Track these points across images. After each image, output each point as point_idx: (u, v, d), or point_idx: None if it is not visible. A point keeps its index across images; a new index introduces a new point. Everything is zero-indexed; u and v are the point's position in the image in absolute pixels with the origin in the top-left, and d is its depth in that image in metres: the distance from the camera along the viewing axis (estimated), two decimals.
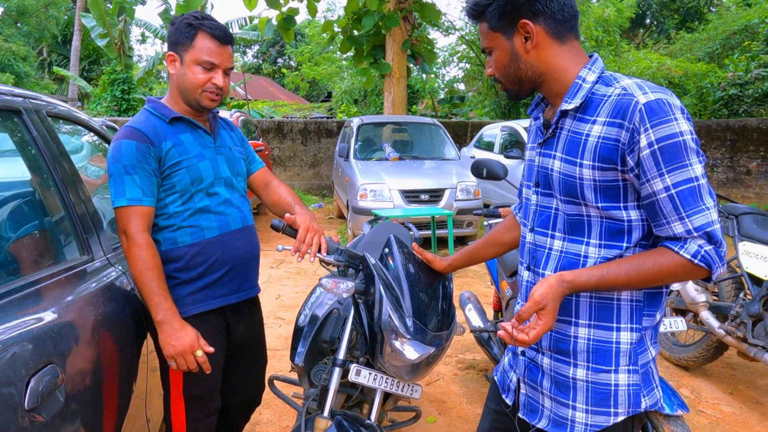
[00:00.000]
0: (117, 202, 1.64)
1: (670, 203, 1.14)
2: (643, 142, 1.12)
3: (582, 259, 1.26)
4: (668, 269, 1.16)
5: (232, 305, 1.86)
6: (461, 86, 21.90)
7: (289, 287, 5.55)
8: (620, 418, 1.28)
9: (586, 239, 1.26)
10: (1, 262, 1.41)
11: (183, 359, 1.63)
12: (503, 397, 1.49)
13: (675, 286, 2.19)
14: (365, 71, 10.76)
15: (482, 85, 18.16)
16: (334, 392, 1.81)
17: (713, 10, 20.64)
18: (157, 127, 1.73)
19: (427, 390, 3.35)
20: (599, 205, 1.22)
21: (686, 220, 1.14)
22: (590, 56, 1.27)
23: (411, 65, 11.10)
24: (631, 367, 1.27)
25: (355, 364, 1.77)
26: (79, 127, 2.14)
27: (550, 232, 1.33)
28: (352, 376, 1.75)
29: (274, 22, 10.14)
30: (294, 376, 2.65)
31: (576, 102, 1.22)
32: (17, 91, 1.62)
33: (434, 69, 18.42)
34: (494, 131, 9.73)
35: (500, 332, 1.25)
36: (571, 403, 1.30)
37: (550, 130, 1.30)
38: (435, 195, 6.83)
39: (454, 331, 1.86)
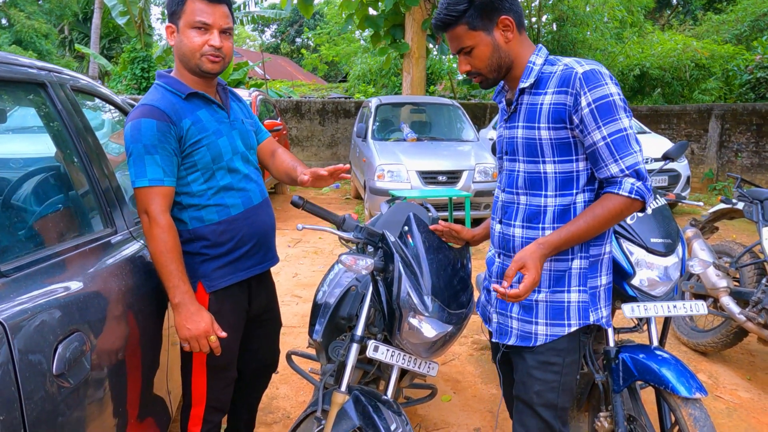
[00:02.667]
0: (138, 182, 1.62)
1: (607, 149, 1.45)
2: (583, 103, 1.43)
3: (542, 208, 1.57)
4: (615, 208, 1.45)
5: (256, 275, 1.91)
6: None
7: (306, 266, 5.59)
8: (573, 329, 1.62)
9: (544, 192, 1.56)
10: (28, 234, 1.44)
11: (197, 342, 1.66)
12: (486, 326, 1.81)
13: (696, 269, 2.17)
14: (384, 51, 10.66)
15: None
16: (352, 368, 1.82)
17: None
18: (175, 104, 1.69)
19: (442, 369, 3.37)
20: (555, 159, 1.52)
21: (620, 161, 1.45)
22: (536, 46, 1.57)
23: (430, 45, 10.97)
24: (580, 288, 1.60)
25: (372, 341, 1.79)
26: (102, 103, 2.16)
27: (515, 190, 1.63)
28: (370, 352, 1.77)
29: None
30: (311, 351, 2.69)
31: (530, 80, 1.53)
32: (41, 64, 1.64)
33: None
34: None
35: (494, 287, 1.47)
36: (534, 320, 1.62)
37: (513, 107, 1.59)
38: (453, 176, 6.80)
39: (471, 310, 1.86)
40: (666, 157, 2.55)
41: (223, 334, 1.71)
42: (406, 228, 1.84)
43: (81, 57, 24.11)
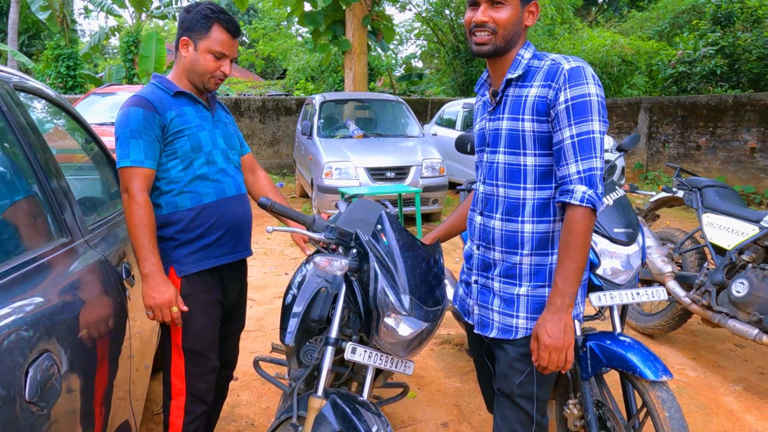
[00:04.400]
0: (121, 162, 1.79)
1: (572, 148, 1.44)
2: (561, 98, 1.44)
3: (521, 201, 1.57)
4: (576, 225, 1.45)
5: (228, 265, 2.01)
6: (419, 63, 21.84)
7: (257, 268, 5.46)
8: None
9: (522, 185, 1.57)
10: None
11: (159, 311, 1.79)
12: (465, 319, 1.82)
13: (654, 257, 2.25)
14: (324, 47, 10.56)
15: (440, 62, 18.16)
16: (328, 371, 1.78)
17: None
18: (162, 98, 1.87)
19: None
20: (536, 152, 1.52)
21: (579, 162, 1.44)
22: (525, 41, 1.58)
23: (370, 42, 10.97)
24: None
25: (350, 343, 1.75)
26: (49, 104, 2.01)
27: (495, 182, 1.63)
28: (348, 355, 1.73)
29: None
30: (277, 356, 2.62)
31: (518, 72, 1.54)
32: None
33: (390, 46, 18.27)
34: (456, 108, 9.75)
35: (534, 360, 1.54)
36: (515, 313, 1.63)
37: (498, 98, 1.59)
38: (401, 172, 6.82)
39: (446, 306, 1.86)
40: (620, 149, 2.65)
41: (185, 308, 1.85)
42: (379, 226, 1.81)
43: None
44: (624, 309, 2.36)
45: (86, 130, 2.34)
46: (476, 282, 1.74)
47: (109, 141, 2.05)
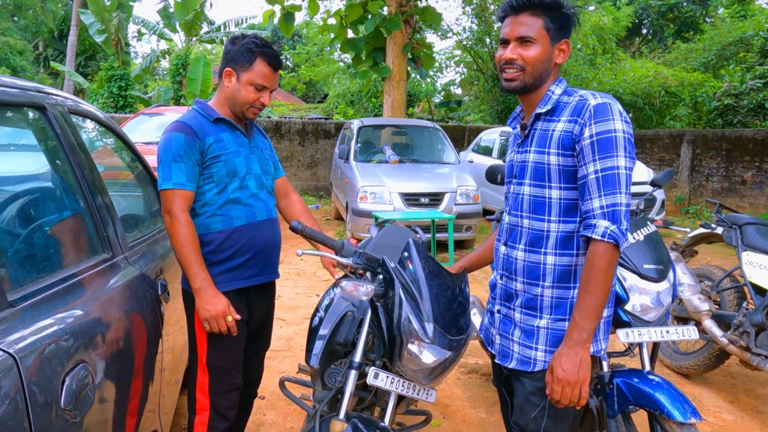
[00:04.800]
0: (164, 185, 1.87)
1: (596, 183, 1.46)
2: (586, 134, 1.47)
3: (545, 233, 1.59)
4: (597, 260, 1.44)
5: (255, 287, 2.06)
6: (458, 90, 21.96)
7: (289, 288, 5.54)
8: None
9: (547, 217, 1.58)
10: (31, 261, 1.40)
11: (215, 322, 1.86)
12: (488, 349, 1.83)
13: (686, 294, 2.21)
14: (365, 74, 10.76)
15: (479, 90, 18.22)
16: (350, 395, 1.80)
17: (709, 20, 20.82)
18: (202, 124, 1.96)
19: None
20: (561, 185, 1.55)
21: (603, 198, 1.45)
22: (558, 77, 1.62)
23: (409, 69, 11.13)
24: None
25: (373, 368, 1.77)
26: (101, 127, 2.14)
27: (519, 213, 1.65)
28: (370, 379, 1.75)
29: (278, 14, 10.10)
30: (303, 377, 2.65)
31: (547, 107, 1.58)
32: (40, 86, 1.62)
33: (430, 73, 18.46)
34: (493, 136, 9.76)
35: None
36: (534, 345, 1.63)
37: (527, 131, 1.63)
38: (435, 198, 6.85)
39: (470, 335, 1.86)
40: (654, 183, 2.62)
41: (238, 317, 1.93)
42: (406, 254, 1.84)
43: (56, 74, 23.77)
44: (655, 347, 2.31)
45: (132, 151, 2.46)
46: (499, 312, 1.75)
47: (153, 160, 2.14)
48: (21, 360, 0.94)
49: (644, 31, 23.88)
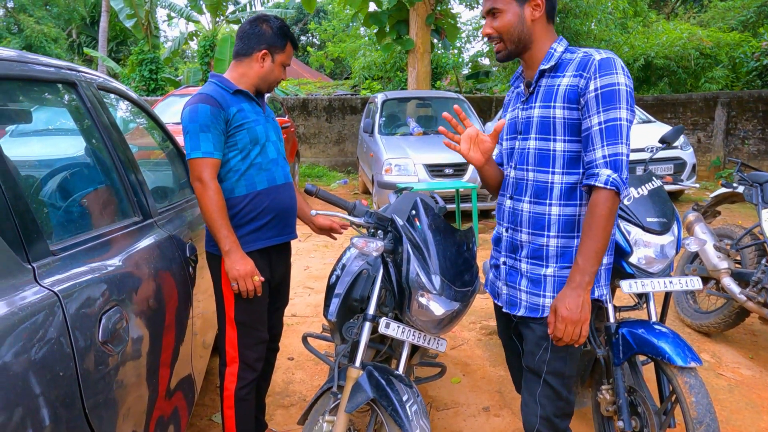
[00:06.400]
0: (192, 154, 1.97)
1: (599, 134, 1.54)
2: (591, 87, 1.55)
3: (549, 185, 1.66)
4: (599, 207, 1.53)
5: (275, 247, 2.20)
6: (485, 61, 21.63)
7: (317, 259, 5.71)
8: None
9: (551, 169, 1.66)
10: (71, 218, 1.57)
11: (243, 281, 1.99)
12: (495, 301, 1.92)
13: (692, 248, 2.26)
14: (388, 47, 10.75)
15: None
16: (365, 345, 1.93)
17: None
18: (224, 95, 2.07)
19: (452, 353, 3.49)
20: (566, 138, 1.62)
21: (605, 148, 1.54)
22: (558, 36, 1.70)
23: (434, 40, 11.05)
24: None
25: (384, 318, 1.90)
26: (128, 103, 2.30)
27: (525, 167, 1.72)
28: (381, 328, 1.88)
29: None
30: (326, 334, 2.81)
31: (551, 63, 1.65)
32: (72, 65, 1.76)
33: (457, 44, 18.22)
34: None
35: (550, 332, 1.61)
36: (542, 293, 1.72)
37: (531, 88, 1.70)
38: (459, 169, 6.89)
39: (477, 288, 1.97)
40: (663, 141, 2.64)
41: (262, 278, 2.06)
42: (414, 212, 1.95)
43: (89, 60, 24.35)
44: (665, 300, 2.37)
45: (159, 126, 2.61)
46: (504, 263, 1.83)
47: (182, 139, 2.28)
48: (63, 297, 1.10)
49: None
